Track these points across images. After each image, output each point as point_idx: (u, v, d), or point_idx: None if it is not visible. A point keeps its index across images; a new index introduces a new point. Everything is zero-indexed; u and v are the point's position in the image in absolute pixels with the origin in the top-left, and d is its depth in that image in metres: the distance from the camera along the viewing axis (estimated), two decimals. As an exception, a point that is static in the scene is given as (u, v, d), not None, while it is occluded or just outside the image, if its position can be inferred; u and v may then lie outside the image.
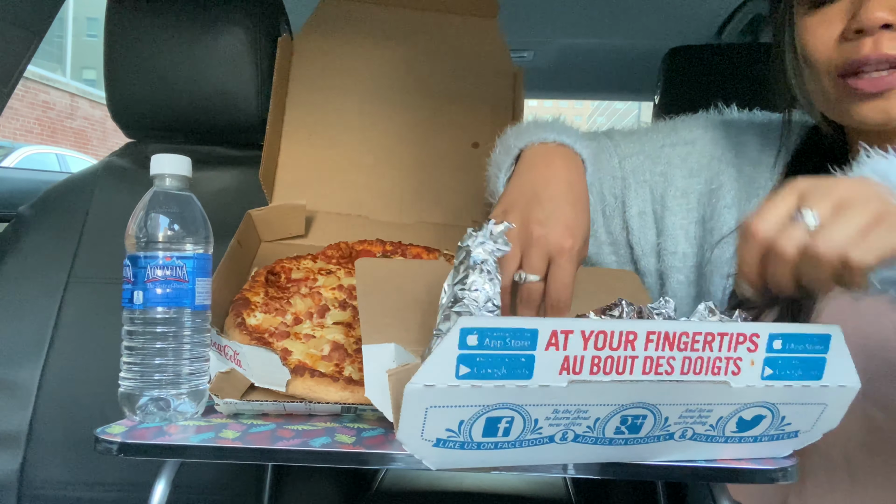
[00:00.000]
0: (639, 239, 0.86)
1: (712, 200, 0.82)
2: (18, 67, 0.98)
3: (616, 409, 0.47)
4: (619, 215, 0.87)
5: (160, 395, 0.60)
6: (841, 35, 0.66)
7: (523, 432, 0.46)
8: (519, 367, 0.43)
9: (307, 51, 1.08)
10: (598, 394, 0.45)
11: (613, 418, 0.47)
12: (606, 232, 0.88)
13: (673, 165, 0.85)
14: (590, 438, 0.48)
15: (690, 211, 0.84)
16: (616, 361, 0.44)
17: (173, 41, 1.09)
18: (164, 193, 0.62)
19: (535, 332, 0.43)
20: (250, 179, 1.04)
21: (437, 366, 0.42)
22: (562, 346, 0.43)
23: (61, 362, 1.02)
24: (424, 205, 1.04)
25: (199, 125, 1.13)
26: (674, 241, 0.84)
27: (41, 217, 1.11)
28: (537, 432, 0.47)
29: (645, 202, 0.86)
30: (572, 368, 0.44)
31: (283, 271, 0.81)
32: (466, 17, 1.10)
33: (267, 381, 0.62)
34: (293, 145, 1.04)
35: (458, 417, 0.44)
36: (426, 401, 0.43)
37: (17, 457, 0.98)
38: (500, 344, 0.42)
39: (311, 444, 0.55)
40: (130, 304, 0.60)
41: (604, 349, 0.44)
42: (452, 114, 1.07)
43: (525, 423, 0.46)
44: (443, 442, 0.45)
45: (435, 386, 0.42)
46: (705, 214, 0.83)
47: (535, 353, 0.43)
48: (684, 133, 0.87)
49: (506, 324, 0.43)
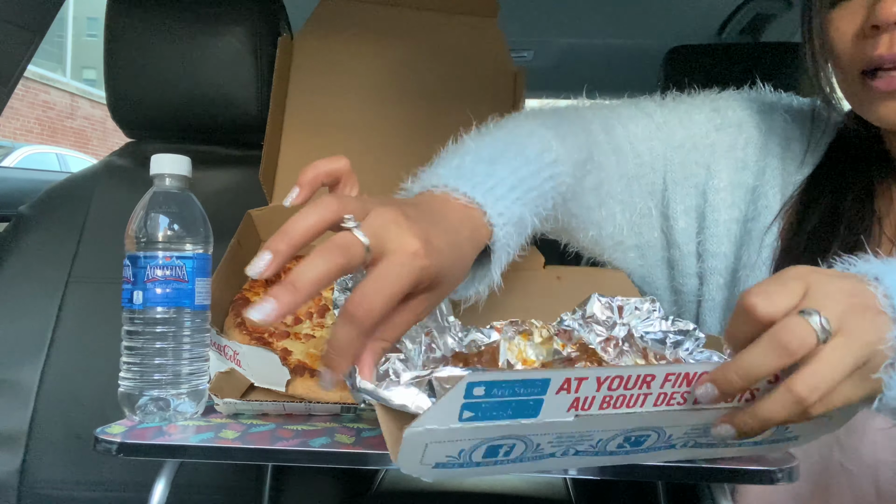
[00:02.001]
0: (685, 239, 0.79)
1: (755, 197, 0.77)
2: (19, 67, 0.98)
3: (621, 433, 0.46)
4: (657, 214, 0.80)
5: (160, 395, 0.60)
6: (860, 31, 0.64)
7: (524, 453, 0.45)
8: (526, 409, 0.41)
9: (307, 50, 1.08)
10: (604, 423, 0.44)
11: (617, 438, 0.47)
12: (635, 233, 0.81)
13: (718, 154, 0.78)
14: (590, 452, 0.48)
15: (733, 208, 0.77)
16: (628, 399, 0.43)
17: (173, 41, 1.09)
18: (163, 193, 0.62)
19: (547, 381, 0.40)
20: (250, 179, 1.04)
21: (439, 412, 0.40)
22: (574, 389, 0.41)
23: (61, 362, 1.02)
24: (424, 205, 1.04)
25: (199, 125, 1.13)
26: (716, 241, 0.77)
27: (41, 217, 1.11)
28: (538, 451, 0.46)
29: (690, 197, 0.78)
30: (581, 406, 0.42)
31: (283, 271, 0.81)
32: (466, 17, 1.10)
33: (267, 381, 0.62)
34: (293, 145, 1.04)
35: (459, 447, 0.43)
36: (426, 439, 0.41)
37: (17, 456, 0.98)
38: (508, 392, 0.40)
39: (311, 444, 0.55)
40: (130, 303, 0.60)
41: (618, 390, 0.42)
42: (452, 114, 1.07)
43: (527, 447, 0.45)
44: (442, 465, 0.44)
45: (436, 429, 0.40)
46: (748, 213, 0.77)
47: (544, 397, 0.41)
48: (729, 113, 0.79)
49: (516, 376, 0.40)
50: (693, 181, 0.78)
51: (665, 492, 0.96)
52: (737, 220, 0.78)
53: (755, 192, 0.77)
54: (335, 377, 0.44)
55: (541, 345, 0.55)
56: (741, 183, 0.77)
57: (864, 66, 0.64)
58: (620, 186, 0.74)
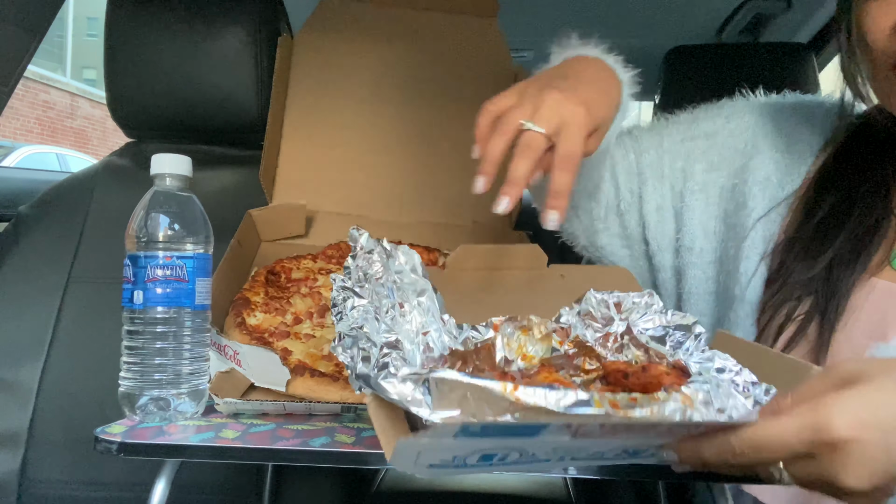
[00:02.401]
0: (655, 235, 0.84)
1: (736, 195, 0.80)
2: (19, 67, 0.98)
3: (619, 448, 0.46)
4: (635, 210, 0.86)
5: (160, 395, 0.60)
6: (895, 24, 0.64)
7: (520, 459, 0.45)
8: (525, 433, 0.41)
9: (307, 50, 1.08)
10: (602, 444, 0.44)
11: (615, 450, 0.46)
12: (621, 226, 0.87)
13: (692, 160, 0.83)
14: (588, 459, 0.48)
15: (710, 206, 0.82)
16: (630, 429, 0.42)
17: (173, 40, 1.09)
18: (164, 193, 0.62)
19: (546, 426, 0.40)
20: (250, 179, 1.04)
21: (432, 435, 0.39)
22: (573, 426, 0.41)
23: (61, 362, 1.02)
24: (424, 205, 1.04)
25: (200, 125, 1.13)
26: (691, 237, 0.82)
27: (41, 217, 1.11)
28: (533, 458, 0.45)
29: (664, 198, 0.84)
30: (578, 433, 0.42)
31: (283, 271, 0.81)
32: (466, 17, 1.10)
33: (267, 381, 0.62)
34: (293, 145, 1.04)
35: (453, 454, 0.43)
36: (418, 448, 0.41)
37: (17, 456, 0.98)
38: (504, 432, 0.40)
39: (311, 444, 0.55)
40: (130, 303, 0.60)
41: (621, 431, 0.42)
42: (453, 113, 1.07)
43: (522, 455, 0.44)
44: (437, 465, 0.44)
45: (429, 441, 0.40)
46: (728, 209, 0.80)
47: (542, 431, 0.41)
48: (705, 125, 0.85)
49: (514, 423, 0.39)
50: (668, 182, 0.84)
51: (665, 492, 0.96)
52: (716, 216, 0.81)
53: (735, 190, 0.80)
54: (562, 216, 0.59)
55: (540, 341, 0.55)
56: (715, 183, 0.82)
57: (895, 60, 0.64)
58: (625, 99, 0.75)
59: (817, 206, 0.74)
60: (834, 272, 0.70)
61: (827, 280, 0.70)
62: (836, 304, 0.68)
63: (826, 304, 0.69)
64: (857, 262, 0.69)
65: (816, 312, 0.69)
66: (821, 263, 0.71)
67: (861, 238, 0.70)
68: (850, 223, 0.71)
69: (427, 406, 0.40)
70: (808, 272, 0.71)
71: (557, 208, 0.59)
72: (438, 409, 0.40)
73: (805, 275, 0.71)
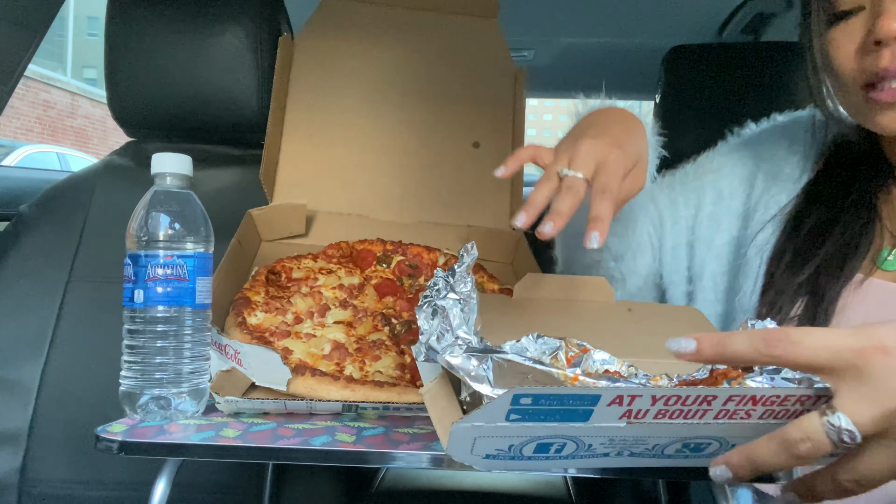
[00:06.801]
0: (669, 271, 0.88)
1: (742, 219, 0.84)
2: (19, 66, 0.98)
3: (678, 440, 0.46)
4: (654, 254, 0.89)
5: (161, 394, 0.60)
6: (861, 47, 0.67)
7: (576, 452, 0.45)
8: (574, 416, 0.41)
9: (308, 50, 1.08)
10: (659, 430, 0.44)
11: (675, 444, 0.46)
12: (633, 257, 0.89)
13: (703, 193, 0.88)
14: (647, 455, 0.47)
15: (721, 232, 0.85)
16: (685, 412, 0.42)
17: (174, 40, 1.09)
18: (164, 192, 0.62)
19: (598, 396, 0.40)
20: (250, 179, 1.04)
21: (486, 413, 0.40)
22: (626, 404, 0.41)
23: (62, 361, 1.02)
24: (424, 205, 1.04)
25: (200, 124, 1.13)
26: (701, 264, 0.85)
27: (42, 216, 1.11)
28: (591, 451, 0.45)
29: (679, 235, 0.88)
30: (634, 416, 0.42)
31: (283, 270, 0.81)
32: (466, 17, 1.10)
33: (268, 381, 0.62)
34: (293, 144, 1.04)
35: (508, 443, 0.43)
36: (474, 434, 0.41)
37: (17, 455, 0.98)
38: (556, 402, 0.40)
39: (312, 443, 0.55)
40: (131, 302, 0.60)
41: (674, 405, 0.42)
42: (453, 113, 1.07)
43: (578, 447, 0.44)
44: (492, 456, 0.44)
45: (483, 426, 0.40)
46: (734, 233, 0.84)
47: (594, 408, 0.41)
48: (708, 164, 0.90)
49: (565, 390, 0.40)
50: (683, 221, 0.88)
51: (665, 492, 0.96)
52: (727, 243, 0.85)
53: (747, 217, 0.83)
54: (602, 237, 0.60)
55: None
56: (726, 212, 0.86)
57: (867, 79, 0.67)
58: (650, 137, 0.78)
59: (805, 218, 0.77)
60: (822, 277, 0.72)
61: (815, 285, 0.72)
62: (825, 307, 0.71)
63: (815, 308, 0.71)
64: (843, 266, 0.72)
65: (806, 316, 0.72)
66: (808, 269, 0.73)
67: (847, 243, 0.73)
68: (836, 231, 0.74)
69: (488, 382, 0.41)
70: (796, 278, 0.74)
71: (599, 230, 0.61)
72: (498, 386, 0.40)
73: (794, 280, 0.74)
